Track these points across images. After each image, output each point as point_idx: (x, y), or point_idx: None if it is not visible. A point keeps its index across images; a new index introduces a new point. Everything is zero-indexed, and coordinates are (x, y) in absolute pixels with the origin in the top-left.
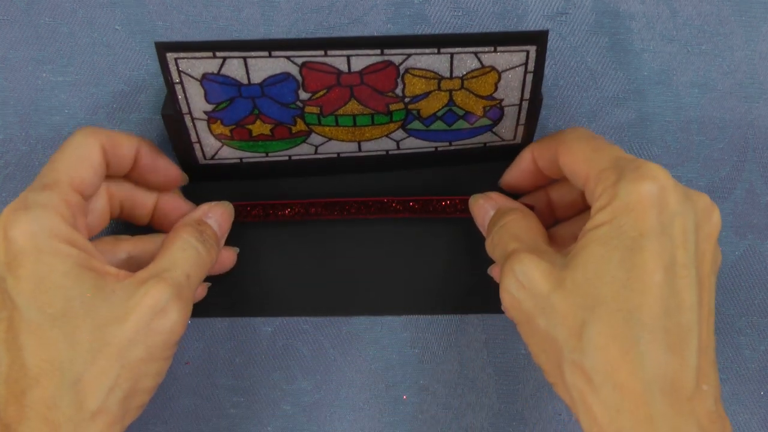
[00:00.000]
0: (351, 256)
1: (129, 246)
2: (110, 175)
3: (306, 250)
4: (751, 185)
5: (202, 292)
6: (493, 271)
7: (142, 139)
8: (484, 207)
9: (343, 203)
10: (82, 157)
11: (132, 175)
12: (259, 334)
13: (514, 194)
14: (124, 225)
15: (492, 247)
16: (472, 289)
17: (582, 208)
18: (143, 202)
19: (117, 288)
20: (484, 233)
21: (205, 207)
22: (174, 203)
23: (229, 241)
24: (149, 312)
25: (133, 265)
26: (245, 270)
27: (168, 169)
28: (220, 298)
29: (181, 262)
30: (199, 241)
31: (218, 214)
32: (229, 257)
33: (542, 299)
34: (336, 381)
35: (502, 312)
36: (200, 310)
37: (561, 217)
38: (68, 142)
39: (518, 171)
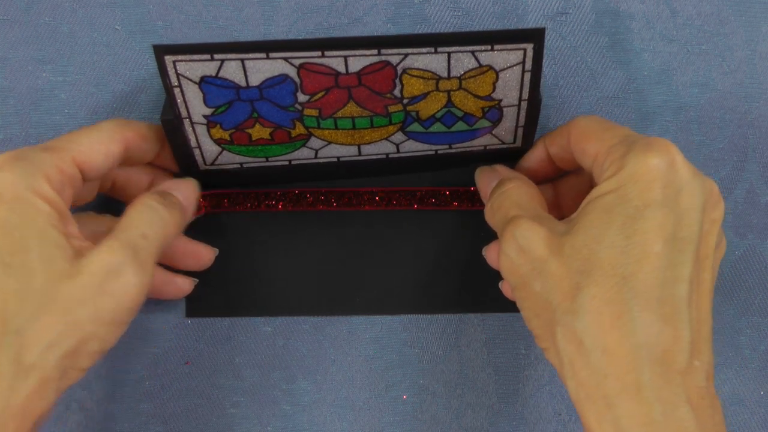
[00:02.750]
0: (351, 256)
1: (111, 223)
2: (132, 163)
3: (306, 250)
4: (751, 185)
5: (188, 287)
6: (487, 251)
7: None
8: (488, 177)
9: (340, 192)
10: (100, 142)
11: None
12: (259, 334)
13: None
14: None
15: (492, 213)
16: (472, 288)
17: None
18: (138, 181)
19: (79, 252)
20: (485, 203)
21: (168, 182)
22: (167, 184)
23: (229, 241)
24: (101, 271)
25: None
26: (245, 270)
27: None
28: (221, 298)
29: (137, 222)
30: (159, 203)
31: (182, 187)
32: (207, 254)
33: (539, 263)
34: (336, 381)
35: (501, 312)
36: (200, 310)
37: (567, 212)
38: (97, 125)
39: (531, 159)
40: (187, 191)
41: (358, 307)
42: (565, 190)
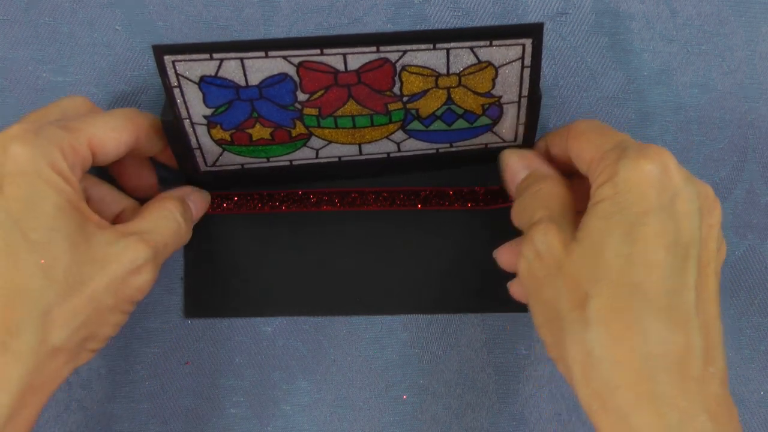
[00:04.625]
0: (351, 256)
1: (126, 203)
2: (139, 154)
3: (305, 250)
4: (751, 185)
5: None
6: (498, 253)
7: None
8: (516, 166)
9: (344, 192)
10: (114, 128)
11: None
12: (259, 334)
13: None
14: None
15: (519, 211)
16: (473, 288)
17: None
18: (137, 174)
19: (98, 233)
20: (509, 191)
21: (187, 189)
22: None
23: (231, 242)
24: (128, 266)
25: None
26: (245, 270)
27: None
28: (221, 298)
29: (163, 230)
30: (182, 215)
31: (198, 200)
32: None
33: (553, 270)
34: (336, 381)
35: (502, 312)
36: (200, 310)
37: (579, 207)
38: (112, 112)
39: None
40: (201, 204)
41: (358, 307)
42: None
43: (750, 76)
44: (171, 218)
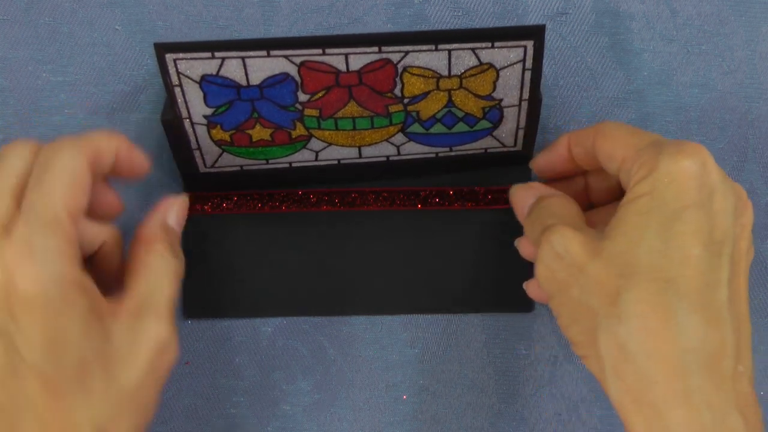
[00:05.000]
0: (350, 256)
1: (106, 233)
2: (98, 179)
3: (305, 250)
4: (751, 185)
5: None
6: (521, 243)
7: (118, 136)
8: (525, 196)
9: (344, 192)
10: (75, 178)
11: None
12: (259, 334)
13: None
14: None
15: (530, 227)
16: (473, 288)
17: (618, 196)
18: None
19: (115, 326)
20: (522, 221)
21: (163, 207)
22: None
23: (231, 242)
24: (154, 353)
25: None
26: (245, 270)
27: (142, 161)
28: (221, 298)
29: (166, 288)
30: (173, 255)
31: (178, 213)
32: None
33: (577, 269)
34: (336, 381)
35: (502, 311)
36: (200, 310)
37: (596, 201)
38: (57, 161)
39: (552, 155)
40: (182, 213)
41: (358, 307)
42: (596, 182)
43: (750, 76)
44: (167, 269)
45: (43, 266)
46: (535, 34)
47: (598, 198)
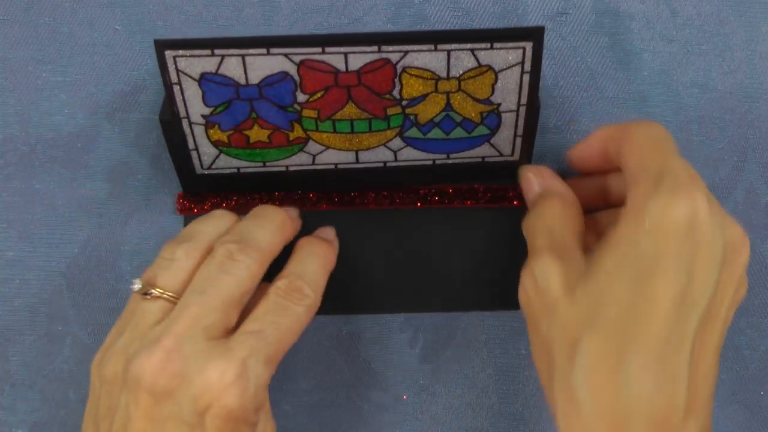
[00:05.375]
0: (350, 256)
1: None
2: None
3: None
4: (751, 185)
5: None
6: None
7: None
8: (531, 182)
9: (344, 192)
10: (301, 325)
11: None
12: None
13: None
14: None
15: (526, 227)
16: (473, 287)
17: None
18: None
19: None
20: (529, 206)
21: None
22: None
23: None
24: None
25: None
26: None
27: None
28: None
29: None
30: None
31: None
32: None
33: (550, 305)
34: (336, 381)
35: (501, 311)
36: None
37: (614, 203)
38: (292, 310)
39: (586, 147)
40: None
41: (358, 307)
42: (616, 183)
43: (750, 76)
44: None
45: (249, 392)
46: (534, 35)
47: (616, 200)
